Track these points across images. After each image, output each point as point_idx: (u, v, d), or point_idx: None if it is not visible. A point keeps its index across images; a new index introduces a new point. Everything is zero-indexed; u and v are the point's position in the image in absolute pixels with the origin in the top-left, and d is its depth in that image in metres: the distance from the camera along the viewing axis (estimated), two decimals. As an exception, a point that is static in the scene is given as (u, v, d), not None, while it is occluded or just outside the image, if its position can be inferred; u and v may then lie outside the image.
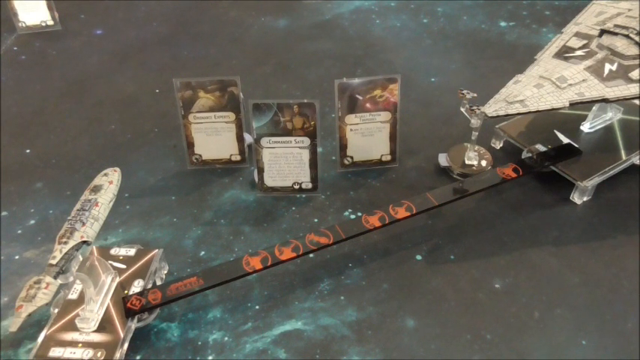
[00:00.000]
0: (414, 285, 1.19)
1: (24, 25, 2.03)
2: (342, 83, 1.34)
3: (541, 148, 1.39)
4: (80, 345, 1.00)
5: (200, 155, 1.46)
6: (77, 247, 0.94)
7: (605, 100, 1.22)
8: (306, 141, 1.33)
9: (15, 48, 1.96)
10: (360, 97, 1.36)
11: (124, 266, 1.14)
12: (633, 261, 1.23)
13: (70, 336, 1.01)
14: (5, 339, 1.10)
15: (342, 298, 1.17)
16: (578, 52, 1.29)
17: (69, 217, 0.96)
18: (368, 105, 1.37)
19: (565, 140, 1.42)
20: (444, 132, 1.57)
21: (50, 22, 2.04)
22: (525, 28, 2.01)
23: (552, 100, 1.19)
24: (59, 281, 0.96)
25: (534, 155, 1.37)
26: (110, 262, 1.12)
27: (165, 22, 2.10)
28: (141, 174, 1.47)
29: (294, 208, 1.37)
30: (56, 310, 1.06)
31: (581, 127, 1.46)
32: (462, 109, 1.29)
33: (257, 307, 1.16)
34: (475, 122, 1.30)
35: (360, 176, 1.45)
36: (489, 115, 1.19)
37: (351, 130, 1.40)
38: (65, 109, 1.69)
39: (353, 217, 1.35)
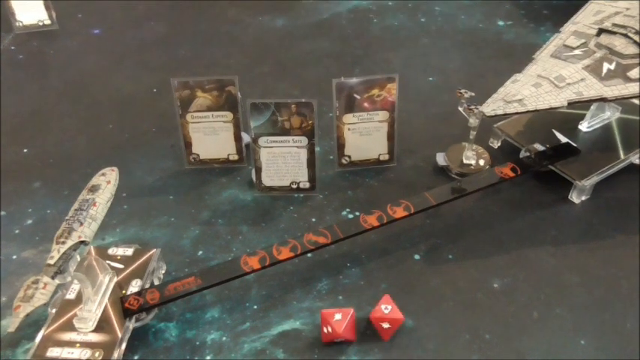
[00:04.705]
0: (412, 285, 1.19)
1: (21, 24, 2.02)
2: (340, 82, 1.34)
3: (539, 147, 1.39)
4: (78, 345, 1.00)
5: (198, 155, 1.46)
6: (75, 247, 0.94)
7: (603, 100, 1.22)
8: (304, 140, 1.32)
9: (12, 47, 1.96)
10: (358, 97, 1.36)
11: (121, 266, 1.13)
12: (632, 260, 1.23)
13: (67, 336, 1.01)
14: (3, 339, 1.10)
15: (340, 297, 1.17)
16: (577, 51, 1.29)
17: (67, 217, 0.96)
18: (366, 104, 1.37)
19: (563, 139, 1.42)
20: (442, 131, 1.57)
21: (47, 22, 2.03)
22: (523, 28, 2.01)
23: (551, 100, 1.19)
24: (57, 281, 0.96)
25: (532, 154, 1.37)
26: (108, 261, 1.12)
27: (162, 21, 2.09)
28: (139, 174, 1.46)
29: (292, 208, 1.37)
30: (54, 310, 1.05)
31: (580, 127, 1.46)
32: (460, 109, 1.29)
33: (255, 306, 1.16)
34: (473, 121, 1.30)
35: (357, 176, 1.44)
36: (487, 115, 1.19)
37: (349, 129, 1.40)
38: (63, 109, 1.69)
39: (351, 216, 1.34)
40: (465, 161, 1.42)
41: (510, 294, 1.17)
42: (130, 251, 1.16)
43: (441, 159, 1.45)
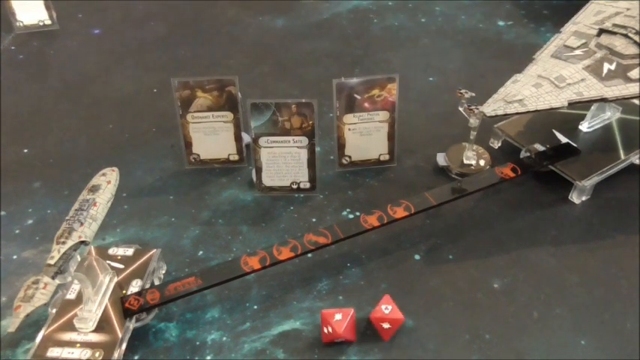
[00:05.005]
0: (412, 285, 1.19)
1: (22, 24, 2.02)
2: (340, 83, 1.34)
3: (539, 147, 1.39)
4: (78, 345, 1.00)
5: (198, 155, 1.46)
6: (75, 247, 0.94)
7: (603, 100, 1.22)
8: (305, 140, 1.32)
9: (13, 47, 1.96)
10: (358, 97, 1.36)
11: (122, 266, 1.13)
12: (632, 261, 1.23)
13: (68, 336, 1.01)
14: (3, 339, 1.10)
15: (340, 298, 1.17)
16: (577, 52, 1.29)
17: (67, 217, 0.96)
18: (366, 104, 1.37)
19: (563, 140, 1.42)
20: (442, 131, 1.57)
21: (48, 22, 2.03)
22: (523, 28, 2.01)
23: (551, 100, 1.19)
24: (57, 281, 0.96)
25: (533, 155, 1.37)
26: (108, 262, 1.12)
27: (162, 21, 2.09)
28: (139, 174, 1.47)
29: (292, 208, 1.37)
30: (54, 311, 1.05)
31: (580, 127, 1.46)
32: (461, 109, 1.29)
33: (255, 307, 1.16)
34: (473, 122, 1.30)
35: (358, 176, 1.44)
36: (488, 115, 1.19)
37: (349, 129, 1.40)
38: (63, 109, 1.69)
39: (351, 216, 1.34)
40: (465, 161, 1.42)
41: (510, 294, 1.17)
42: (130, 251, 1.16)
43: (441, 159, 1.45)
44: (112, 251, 1.16)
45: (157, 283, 1.17)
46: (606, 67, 1.24)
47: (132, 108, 1.69)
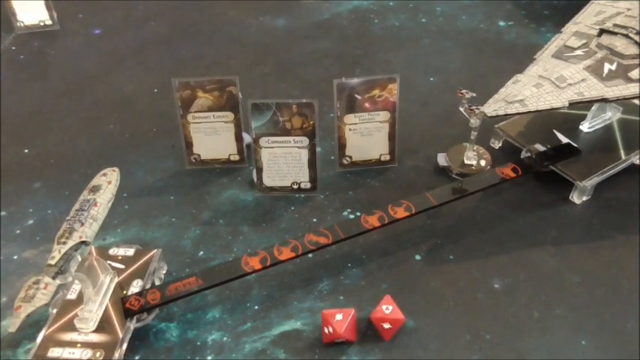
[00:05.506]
0: (413, 285, 1.19)
1: (22, 24, 2.02)
2: (341, 83, 1.34)
3: (540, 147, 1.39)
4: (79, 345, 1.00)
5: (199, 155, 1.46)
6: (76, 248, 0.94)
7: (604, 100, 1.22)
8: (305, 141, 1.32)
9: (13, 48, 1.96)
10: (359, 97, 1.36)
11: (122, 266, 1.13)
12: (633, 261, 1.23)
13: (68, 336, 1.01)
14: (4, 339, 1.10)
15: (341, 298, 1.17)
16: (578, 52, 1.29)
17: (68, 217, 0.96)
18: (367, 105, 1.37)
19: (564, 140, 1.42)
20: (443, 132, 1.57)
21: (49, 22, 2.04)
22: (524, 28, 2.01)
23: (552, 100, 1.19)
24: (58, 281, 0.96)
25: (533, 155, 1.37)
26: (109, 262, 1.12)
27: (163, 21, 2.09)
28: (139, 174, 1.47)
29: (292, 208, 1.37)
30: (55, 311, 1.05)
31: (581, 127, 1.46)
32: (461, 109, 1.29)
33: (256, 307, 1.16)
34: (474, 122, 1.30)
35: (358, 176, 1.44)
36: (488, 115, 1.19)
37: (350, 129, 1.40)
38: (63, 109, 1.69)
39: (352, 217, 1.34)
40: (465, 161, 1.42)
41: (511, 294, 1.17)
42: (130, 251, 1.16)
43: (442, 159, 1.45)
44: (112, 251, 1.16)
45: (157, 283, 1.17)
46: (607, 67, 1.24)
47: (132, 108, 1.69)
